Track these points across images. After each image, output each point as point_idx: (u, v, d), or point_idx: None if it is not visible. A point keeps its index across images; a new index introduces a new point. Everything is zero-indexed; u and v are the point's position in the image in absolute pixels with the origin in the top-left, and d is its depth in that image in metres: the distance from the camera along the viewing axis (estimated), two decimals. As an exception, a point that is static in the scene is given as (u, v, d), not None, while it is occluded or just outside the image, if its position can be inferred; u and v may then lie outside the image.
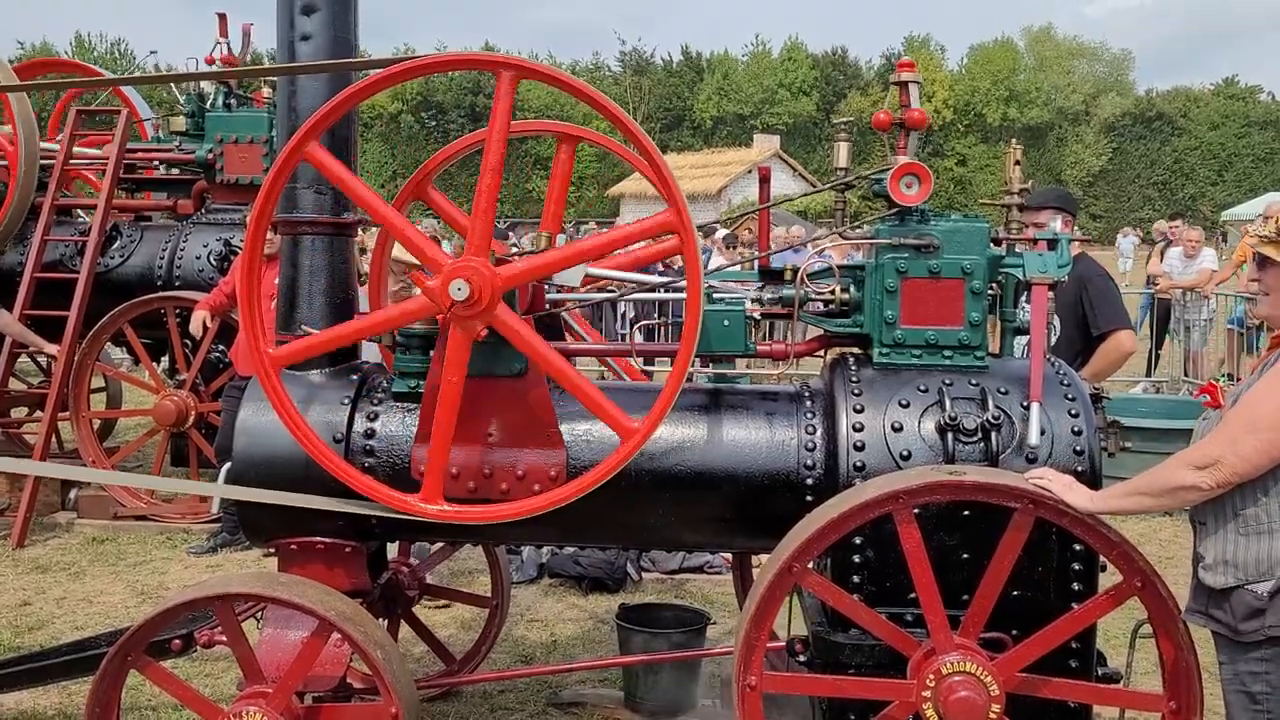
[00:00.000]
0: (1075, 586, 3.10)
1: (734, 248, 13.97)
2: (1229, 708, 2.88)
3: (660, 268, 15.30)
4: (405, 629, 4.73)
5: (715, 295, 3.54)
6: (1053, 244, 3.48)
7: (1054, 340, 4.92)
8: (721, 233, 14.69)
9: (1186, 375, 12.91)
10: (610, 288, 4.13)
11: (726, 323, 3.43)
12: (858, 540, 3.10)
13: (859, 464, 3.22)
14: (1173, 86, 60.84)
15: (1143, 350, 11.97)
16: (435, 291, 3.02)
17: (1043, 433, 3.18)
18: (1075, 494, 2.89)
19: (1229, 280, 12.75)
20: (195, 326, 6.99)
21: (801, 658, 3.25)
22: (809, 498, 3.29)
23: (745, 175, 39.85)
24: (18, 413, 9.12)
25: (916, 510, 2.92)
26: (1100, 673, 3.19)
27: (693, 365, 3.18)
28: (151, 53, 39.96)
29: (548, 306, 3.69)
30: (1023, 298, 3.52)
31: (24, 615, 5.92)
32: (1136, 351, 5.92)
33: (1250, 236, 2.97)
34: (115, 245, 8.16)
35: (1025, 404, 3.23)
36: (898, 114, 3.43)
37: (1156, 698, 3.01)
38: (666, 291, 3.78)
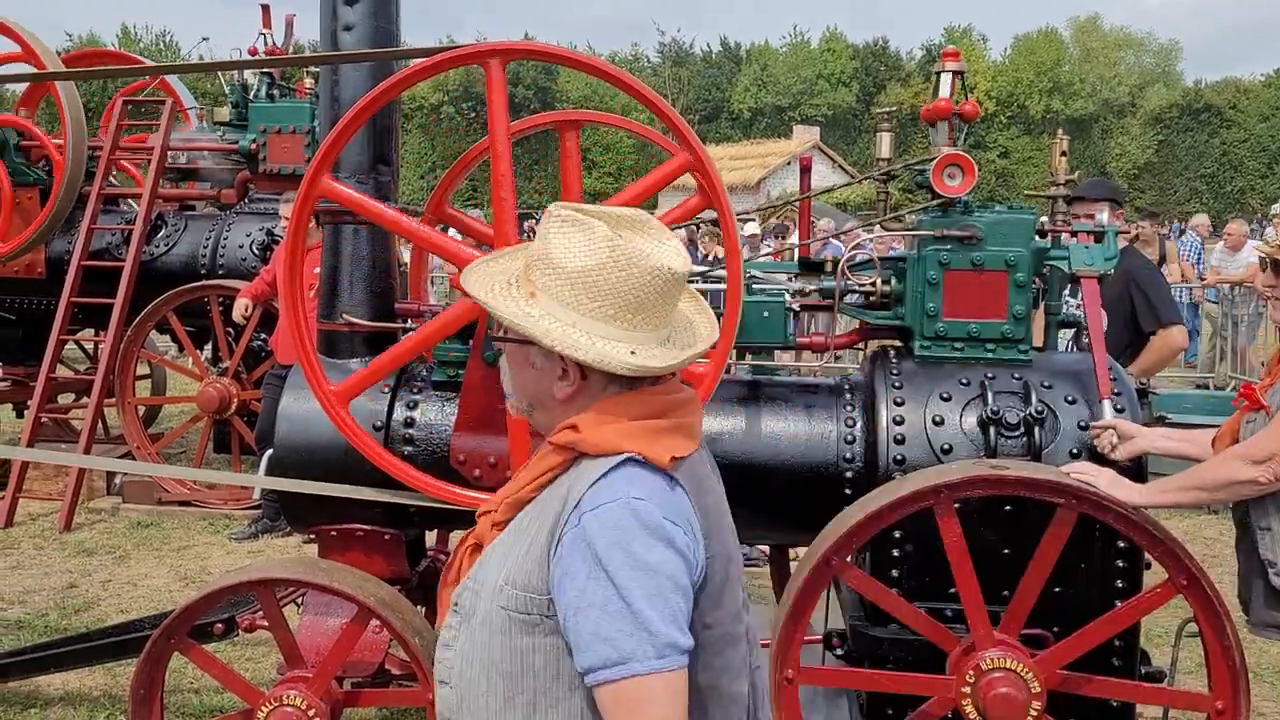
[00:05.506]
0: (1119, 584, 3.06)
1: (784, 237, 13.73)
2: None
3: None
4: (442, 616, 4.75)
5: (755, 286, 3.51)
6: (1099, 237, 3.43)
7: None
8: (750, 228, 14.51)
9: (1234, 371, 12.68)
10: None
11: (766, 314, 3.41)
12: (897, 534, 3.08)
13: (899, 457, 3.19)
14: (1222, 78, 59.57)
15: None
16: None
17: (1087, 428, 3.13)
18: (1121, 489, 2.84)
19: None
20: (238, 314, 7.10)
21: (839, 652, 3.23)
22: (848, 490, 3.27)
23: (784, 167, 39.58)
24: (65, 399, 9.29)
25: (957, 504, 2.89)
26: (1144, 671, 3.14)
27: (731, 358, 3.15)
28: (203, 39, 40.29)
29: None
30: (1066, 291, 3.46)
31: (70, 597, 6.03)
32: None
33: (1266, 244, 2.94)
34: (160, 234, 8.30)
35: (1069, 399, 3.18)
36: (958, 102, 3.39)
37: (1202, 697, 2.95)
38: (705, 281, 3.75)
